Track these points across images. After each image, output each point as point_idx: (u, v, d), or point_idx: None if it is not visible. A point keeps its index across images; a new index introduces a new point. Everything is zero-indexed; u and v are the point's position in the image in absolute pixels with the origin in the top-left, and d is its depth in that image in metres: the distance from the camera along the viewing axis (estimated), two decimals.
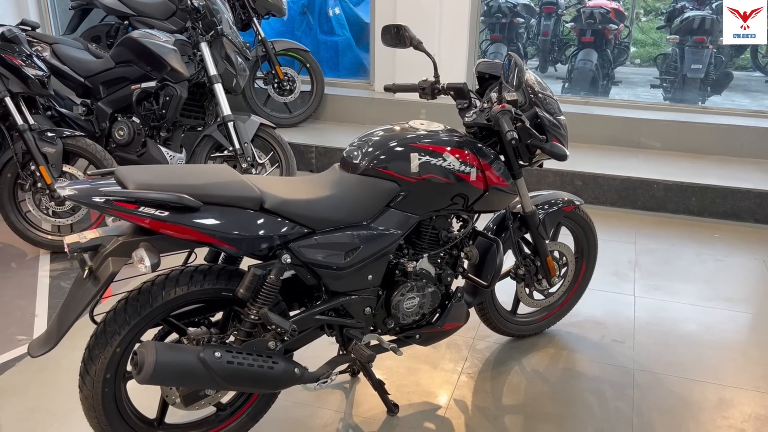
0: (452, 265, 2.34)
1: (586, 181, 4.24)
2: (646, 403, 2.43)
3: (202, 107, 4.03)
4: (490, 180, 2.20)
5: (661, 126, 4.71)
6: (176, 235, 1.75)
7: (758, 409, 2.41)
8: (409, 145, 2.09)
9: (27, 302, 3.06)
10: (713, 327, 2.94)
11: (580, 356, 2.72)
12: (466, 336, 2.79)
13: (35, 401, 2.38)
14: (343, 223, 2.00)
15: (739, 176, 4.19)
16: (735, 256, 3.64)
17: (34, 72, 3.34)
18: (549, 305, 2.80)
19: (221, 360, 1.79)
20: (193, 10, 3.80)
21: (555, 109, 2.34)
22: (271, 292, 1.88)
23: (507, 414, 2.38)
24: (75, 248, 1.72)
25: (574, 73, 6.44)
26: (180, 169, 2.01)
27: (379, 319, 2.19)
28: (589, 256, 2.81)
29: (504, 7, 7.21)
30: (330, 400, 2.42)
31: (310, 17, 6.06)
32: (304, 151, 4.75)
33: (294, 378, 1.94)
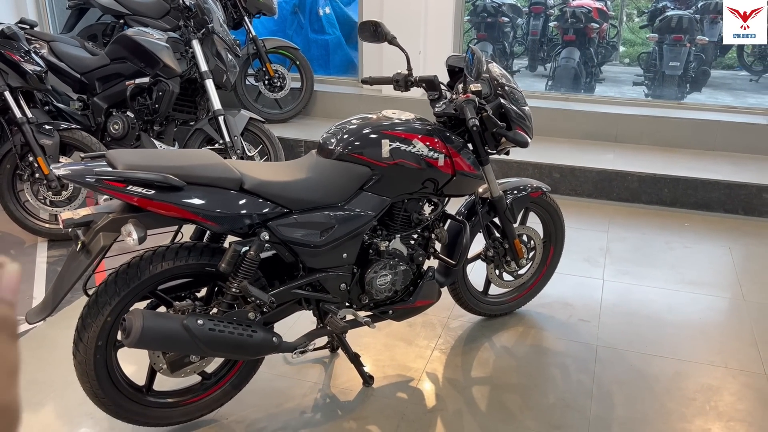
0: (424, 245, 2.50)
1: (563, 174, 4.40)
2: (606, 375, 2.60)
3: (194, 102, 4.18)
4: (458, 165, 2.37)
5: (639, 121, 4.87)
6: (162, 213, 1.91)
7: (710, 381, 2.57)
8: (382, 132, 2.25)
9: (26, 286, 3.21)
10: (676, 308, 3.10)
11: (547, 334, 2.89)
12: (441, 316, 2.96)
13: (33, 374, 2.53)
14: (319, 204, 2.16)
15: (711, 168, 4.36)
16: (703, 243, 3.81)
17: (32, 67, 3.50)
18: (519, 286, 2.97)
19: (203, 327, 1.95)
20: (185, 8, 3.96)
21: (520, 101, 2.51)
22: (251, 267, 2.04)
23: (475, 385, 2.54)
24: (69, 224, 1.88)
25: (556, 71, 6.61)
26: (166, 152, 2.17)
27: (354, 295, 2.35)
28: (557, 241, 2.98)
29: (489, 7, 7.38)
30: (309, 373, 2.58)
31: (301, 16, 6.22)
32: (294, 145, 4.91)
33: (272, 346, 2.10)
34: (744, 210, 4.15)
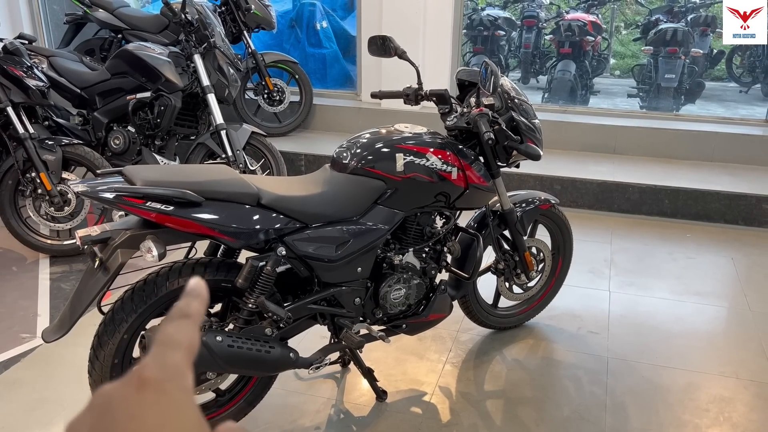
0: (436, 259, 2.49)
1: (564, 185, 4.43)
2: (619, 387, 2.60)
3: (196, 116, 4.17)
4: (470, 179, 2.37)
5: (636, 133, 4.91)
6: (180, 228, 1.90)
7: (722, 392, 2.58)
8: (395, 146, 2.25)
9: (29, 303, 3.18)
10: (683, 319, 3.11)
11: (558, 346, 2.89)
12: (451, 329, 2.95)
13: (42, 393, 2.50)
14: (334, 218, 2.15)
15: (710, 179, 4.39)
16: (705, 254, 3.83)
17: (35, 83, 3.48)
18: (528, 299, 2.97)
19: (222, 343, 1.93)
20: (187, 23, 3.95)
21: (530, 114, 2.52)
22: (267, 283, 2.03)
23: (489, 399, 2.53)
24: (86, 240, 1.87)
25: (553, 84, 6.66)
26: (183, 167, 2.17)
27: (368, 309, 2.34)
28: (565, 252, 2.98)
29: (485, 21, 7.43)
30: (322, 389, 2.56)
31: (299, 30, 6.23)
32: (294, 158, 4.90)
33: (289, 362, 2.09)
34: (744, 220, 4.18)
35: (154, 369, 0.42)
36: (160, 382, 0.41)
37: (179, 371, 0.43)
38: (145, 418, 0.39)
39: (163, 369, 0.42)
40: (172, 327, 0.45)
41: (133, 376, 0.42)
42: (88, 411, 0.41)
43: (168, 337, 0.45)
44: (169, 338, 0.44)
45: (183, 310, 0.46)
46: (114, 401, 0.40)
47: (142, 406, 0.40)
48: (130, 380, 0.41)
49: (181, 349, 0.44)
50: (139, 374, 0.42)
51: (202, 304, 0.48)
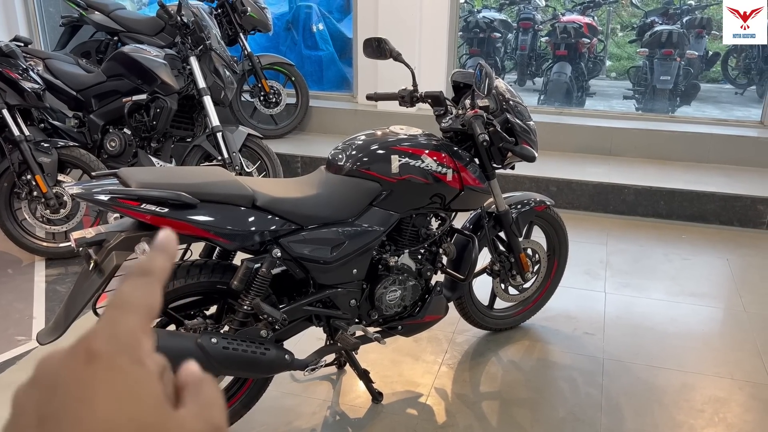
0: (431, 260, 2.50)
1: (560, 187, 4.43)
2: (614, 388, 2.60)
3: (192, 119, 4.17)
4: (465, 180, 2.37)
5: (632, 134, 4.93)
6: (175, 231, 1.89)
7: (717, 392, 2.58)
8: (390, 147, 2.26)
9: (24, 305, 3.17)
10: (678, 320, 3.12)
11: (553, 347, 2.89)
12: (446, 330, 2.95)
13: None
14: (329, 220, 2.16)
15: (705, 181, 4.41)
16: (700, 255, 3.84)
17: (30, 85, 3.48)
18: (524, 300, 2.97)
19: (217, 345, 1.93)
20: (183, 25, 3.96)
21: (525, 115, 2.53)
22: (263, 284, 2.03)
23: (484, 400, 2.53)
24: (81, 243, 1.87)
25: (549, 86, 6.67)
26: (178, 169, 2.16)
27: (363, 311, 2.35)
28: (561, 254, 2.99)
29: (482, 23, 7.45)
30: (318, 390, 2.56)
31: (295, 33, 6.24)
32: (290, 160, 4.90)
33: (285, 363, 2.09)
34: (739, 221, 4.19)
35: (103, 340, 0.36)
36: (110, 356, 0.35)
37: (133, 341, 0.37)
38: (95, 401, 0.34)
39: (113, 339, 0.36)
40: (129, 286, 0.39)
41: (80, 346, 0.36)
42: (34, 385, 0.36)
43: (122, 298, 0.38)
44: (124, 300, 0.38)
45: (144, 267, 0.40)
46: (61, 378, 0.35)
47: (92, 386, 0.34)
48: (77, 352, 0.36)
49: (137, 313, 0.38)
50: (87, 345, 0.36)
51: (168, 260, 0.42)
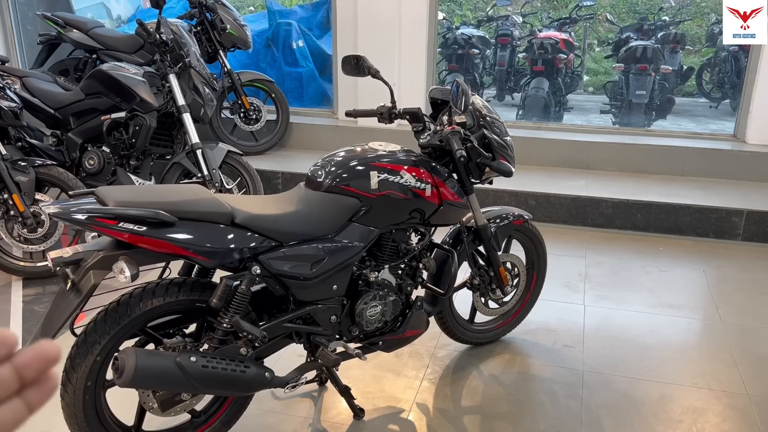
0: (412, 275, 2.51)
1: (539, 201, 4.48)
2: (594, 400, 2.62)
3: (171, 136, 4.16)
4: (444, 195, 2.40)
5: (609, 148, 4.99)
6: (153, 249, 1.89)
7: (695, 403, 2.61)
8: (369, 164, 2.28)
9: (1, 325, 3.13)
10: (656, 331, 3.15)
11: (534, 360, 2.91)
12: (428, 345, 2.96)
13: None
14: (308, 236, 2.16)
15: (681, 193, 4.47)
16: (677, 267, 3.89)
17: (7, 104, 3.46)
18: (504, 313, 2.99)
19: (196, 364, 1.92)
20: (162, 43, 3.96)
21: (502, 131, 2.57)
22: (242, 302, 2.03)
23: (466, 414, 2.54)
24: (58, 262, 1.85)
25: (527, 101, 6.75)
26: (156, 188, 2.16)
27: (344, 327, 2.35)
28: (540, 267, 3.02)
29: (460, 39, 7.53)
30: (299, 408, 2.55)
31: (275, 50, 6.26)
32: (271, 177, 4.90)
33: (265, 381, 2.08)
34: (715, 233, 4.26)
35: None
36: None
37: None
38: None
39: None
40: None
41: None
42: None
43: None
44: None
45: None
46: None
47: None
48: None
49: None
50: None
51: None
